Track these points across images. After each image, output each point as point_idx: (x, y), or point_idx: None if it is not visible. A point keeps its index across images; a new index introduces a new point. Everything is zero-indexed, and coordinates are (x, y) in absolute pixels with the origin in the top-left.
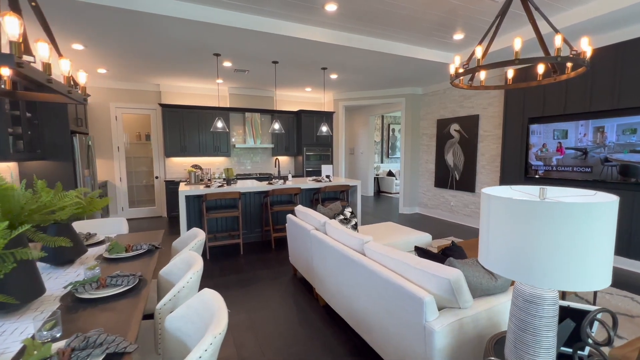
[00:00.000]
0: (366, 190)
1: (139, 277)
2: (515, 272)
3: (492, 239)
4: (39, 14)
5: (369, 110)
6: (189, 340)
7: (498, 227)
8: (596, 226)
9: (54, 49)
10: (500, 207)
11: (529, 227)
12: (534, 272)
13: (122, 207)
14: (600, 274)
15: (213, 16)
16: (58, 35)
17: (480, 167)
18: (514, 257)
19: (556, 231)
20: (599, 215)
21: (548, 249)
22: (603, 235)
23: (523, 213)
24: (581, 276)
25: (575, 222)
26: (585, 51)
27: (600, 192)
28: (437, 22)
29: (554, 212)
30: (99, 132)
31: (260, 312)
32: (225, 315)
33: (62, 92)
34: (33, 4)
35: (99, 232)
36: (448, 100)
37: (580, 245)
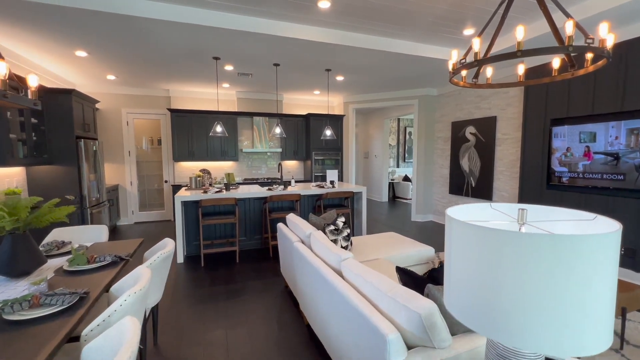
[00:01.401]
0: (380, 196)
1: (82, 295)
2: (480, 325)
3: (454, 278)
4: None
5: (384, 113)
6: None
7: (460, 263)
8: (588, 268)
9: None
10: (462, 236)
11: (495, 266)
12: (503, 329)
13: (132, 210)
14: (595, 333)
15: (206, 18)
16: (61, 43)
17: (497, 173)
18: (478, 305)
19: (529, 274)
20: (593, 253)
21: (519, 298)
22: (599, 281)
23: (488, 246)
24: (567, 338)
25: (557, 262)
26: (605, 39)
27: (600, 216)
28: (443, 17)
29: (527, 247)
30: (110, 137)
31: (239, 328)
32: (128, 353)
33: None
34: None
35: (77, 240)
36: (464, 102)
37: (566, 295)
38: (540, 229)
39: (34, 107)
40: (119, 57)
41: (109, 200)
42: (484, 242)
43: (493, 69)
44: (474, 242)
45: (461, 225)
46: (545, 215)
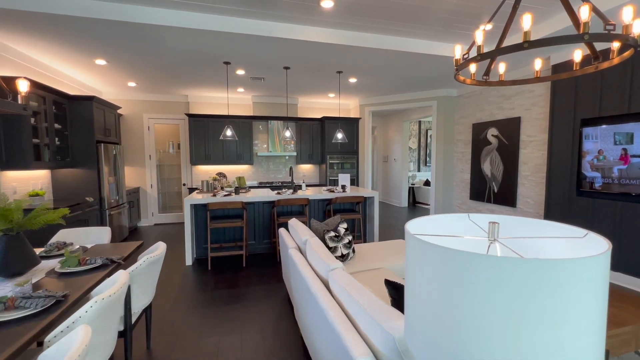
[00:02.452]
0: (399, 201)
1: (59, 298)
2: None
3: (413, 304)
4: None
5: (403, 115)
6: None
7: (419, 288)
8: (562, 301)
9: None
10: (421, 256)
11: (457, 295)
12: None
13: (152, 212)
14: None
15: (214, 23)
16: (81, 52)
17: (522, 178)
18: (439, 341)
19: (490, 305)
20: (578, 281)
21: (480, 333)
22: (579, 316)
23: (448, 269)
24: None
25: (530, 293)
26: (630, 24)
27: (592, 233)
28: (457, 12)
29: (490, 271)
30: (132, 141)
31: (233, 335)
32: None
33: None
34: None
35: (80, 242)
36: (485, 102)
37: (535, 333)
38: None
39: (23, 112)
40: (135, 64)
41: (130, 202)
42: (444, 265)
43: (506, 65)
44: (436, 266)
45: (420, 244)
46: (531, 230)
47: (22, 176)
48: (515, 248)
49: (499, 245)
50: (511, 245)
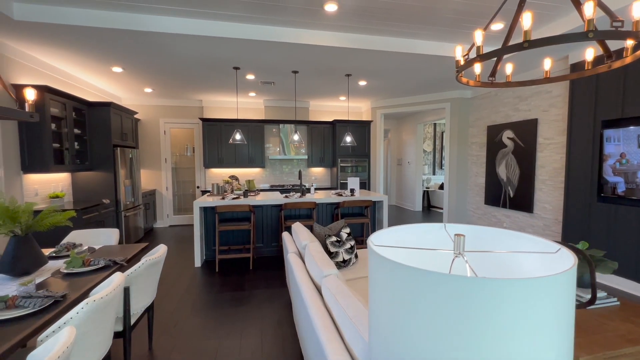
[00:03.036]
0: (413, 205)
1: (58, 298)
2: None
3: (372, 316)
4: None
5: (417, 117)
6: None
7: (376, 300)
8: (522, 321)
9: None
10: (378, 268)
11: (407, 310)
12: None
13: (167, 214)
14: None
15: (222, 30)
16: (99, 60)
17: (539, 183)
18: (393, 352)
19: (438, 323)
20: (527, 301)
21: (433, 351)
22: (538, 341)
23: (399, 284)
24: None
25: (476, 312)
26: (638, 20)
27: (565, 249)
28: (465, 12)
29: (434, 288)
30: (149, 145)
31: (232, 339)
32: None
33: None
34: None
35: (90, 243)
36: (500, 103)
37: (493, 353)
38: (471, 267)
39: (30, 119)
40: (149, 71)
41: (146, 204)
42: (404, 284)
43: (514, 66)
44: (394, 284)
45: (379, 260)
46: (509, 243)
47: (44, 179)
48: (486, 262)
49: (465, 259)
50: (481, 259)
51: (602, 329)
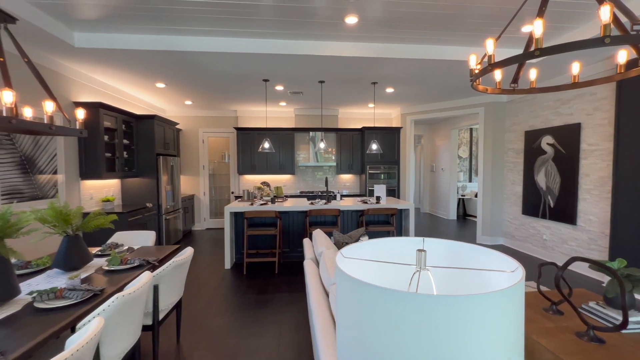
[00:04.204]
0: (446, 213)
1: (96, 292)
2: None
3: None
4: (33, 68)
5: (451, 122)
6: None
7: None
8: (467, 336)
9: (51, 98)
10: (339, 280)
11: (361, 323)
12: None
13: (204, 217)
14: None
15: (250, 46)
16: (144, 77)
17: (583, 192)
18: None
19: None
20: (468, 318)
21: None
22: (480, 351)
23: (354, 297)
24: None
25: (421, 328)
26: None
27: (521, 268)
28: (490, 15)
29: (383, 303)
30: (189, 153)
31: (252, 339)
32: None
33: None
34: (26, 60)
35: (130, 243)
36: (539, 107)
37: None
38: (434, 282)
39: (80, 135)
40: (188, 85)
41: (185, 208)
42: (348, 290)
43: (537, 71)
44: (355, 300)
45: (344, 277)
46: (477, 259)
47: (98, 184)
48: (456, 277)
49: (430, 274)
50: (453, 274)
51: (636, 356)
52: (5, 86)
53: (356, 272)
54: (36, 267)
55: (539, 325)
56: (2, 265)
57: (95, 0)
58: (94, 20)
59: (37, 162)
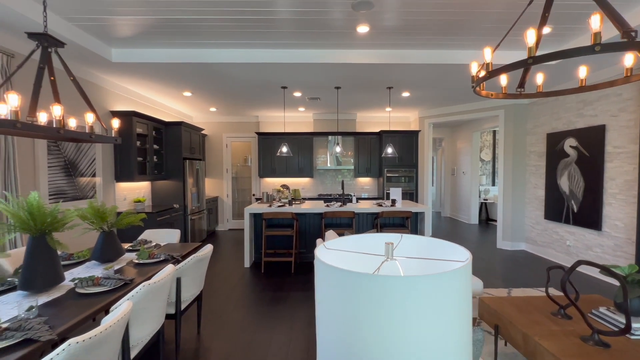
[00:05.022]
0: (468, 217)
1: (127, 281)
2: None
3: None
4: (77, 86)
5: (472, 125)
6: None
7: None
8: (414, 309)
9: (92, 110)
10: (319, 273)
11: (341, 307)
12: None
13: (227, 218)
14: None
15: (269, 57)
16: (172, 87)
17: (608, 197)
18: (339, 351)
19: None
20: (420, 294)
21: (370, 341)
22: (439, 319)
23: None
24: None
25: (393, 304)
26: None
27: (470, 259)
28: (501, 20)
29: (350, 284)
30: (214, 157)
31: (265, 333)
32: (108, 324)
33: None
34: (71, 78)
35: (157, 240)
36: (562, 109)
37: (407, 336)
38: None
39: (115, 142)
40: (212, 93)
41: (209, 209)
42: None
43: (544, 76)
44: (319, 274)
45: (323, 266)
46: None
47: (131, 186)
48: (421, 267)
49: (398, 262)
50: (415, 265)
51: None
52: (55, 101)
53: (335, 261)
54: (77, 259)
55: (543, 328)
56: (50, 255)
57: (131, 21)
58: (129, 37)
59: (79, 166)
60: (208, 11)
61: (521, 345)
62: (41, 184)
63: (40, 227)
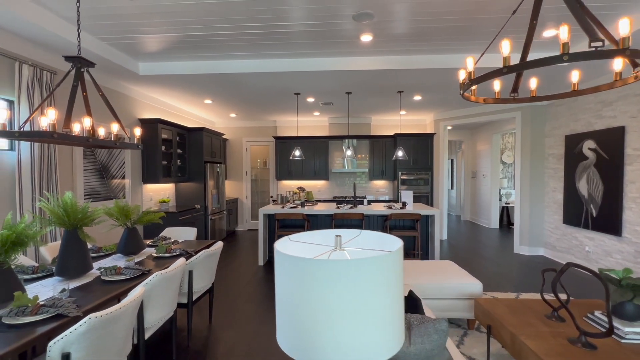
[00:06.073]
0: (488, 221)
1: (145, 272)
2: (296, 351)
3: (280, 309)
4: (105, 100)
5: (492, 127)
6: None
7: (280, 289)
8: (361, 286)
9: (117, 121)
10: (277, 260)
11: (294, 290)
12: (310, 348)
13: (246, 219)
14: (384, 339)
15: (281, 65)
16: (194, 95)
17: (628, 201)
18: (293, 330)
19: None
20: (358, 275)
21: (319, 318)
22: (378, 296)
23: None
24: (360, 346)
25: (335, 284)
26: (625, 38)
27: (401, 248)
28: (507, 24)
29: (314, 271)
30: (234, 160)
31: (268, 326)
32: (123, 304)
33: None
34: (100, 94)
35: (176, 237)
36: (580, 110)
37: (351, 311)
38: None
39: (137, 148)
40: (230, 101)
41: (229, 210)
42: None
43: (538, 80)
44: (282, 267)
45: (282, 256)
46: (390, 244)
47: (156, 188)
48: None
49: (346, 252)
50: (358, 255)
51: None
52: (87, 114)
53: (296, 251)
54: (105, 252)
55: (533, 329)
56: (81, 247)
57: (155, 38)
58: (154, 52)
59: (111, 169)
60: (225, 27)
61: (509, 345)
62: (78, 185)
63: (73, 222)
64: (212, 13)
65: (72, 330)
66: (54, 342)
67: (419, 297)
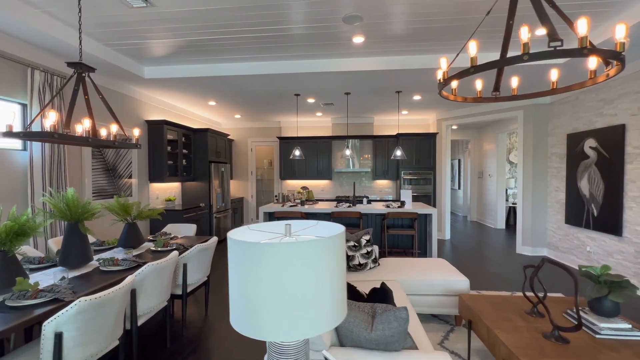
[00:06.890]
0: (494, 222)
1: (141, 263)
2: (246, 328)
3: (232, 291)
4: (105, 103)
5: (498, 126)
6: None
7: (232, 273)
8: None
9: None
10: (230, 246)
11: (245, 272)
12: (258, 326)
13: (251, 218)
14: (322, 317)
15: (280, 67)
16: (198, 97)
17: (629, 200)
18: (243, 310)
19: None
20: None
21: (265, 297)
22: (318, 275)
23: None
24: (301, 323)
25: (281, 264)
26: (583, 37)
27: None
28: (495, 24)
29: (262, 253)
30: (240, 160)
31: None
32: (112, 289)
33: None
34: (100, 97)
35: (176, 233)
36: (582, 108)
37: (291, 290)
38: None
39: (136, 148)
40: (233, 102)
41: (234, 209)
42: (240, 253)
43: (519, 79)
44: (237, 255)
45: (234, 243)
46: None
47: (162, 187)
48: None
49: (295, 239)
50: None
51: (589, 356)
52: (88, 115)
53: (249, 238)
54: (107, 245)
55: (509, 324)
56: (82, 239)
57: (160, 43)
58: (159, 57)
59: (118, 169)
60: (226, 32)
61: (485, 338)
62: (86, 184)
63: (75, 216)
64: (213, 19)
65: (63, 311)
66: (47, 322)
67: (391, 289)
